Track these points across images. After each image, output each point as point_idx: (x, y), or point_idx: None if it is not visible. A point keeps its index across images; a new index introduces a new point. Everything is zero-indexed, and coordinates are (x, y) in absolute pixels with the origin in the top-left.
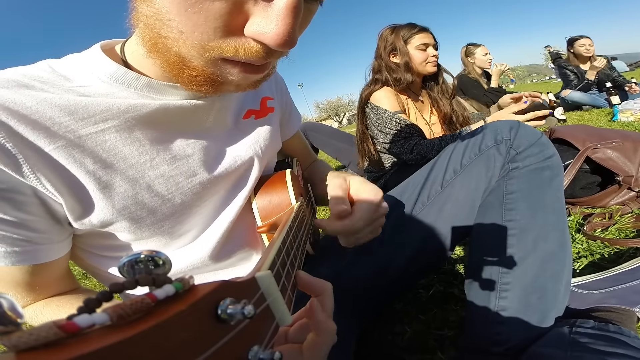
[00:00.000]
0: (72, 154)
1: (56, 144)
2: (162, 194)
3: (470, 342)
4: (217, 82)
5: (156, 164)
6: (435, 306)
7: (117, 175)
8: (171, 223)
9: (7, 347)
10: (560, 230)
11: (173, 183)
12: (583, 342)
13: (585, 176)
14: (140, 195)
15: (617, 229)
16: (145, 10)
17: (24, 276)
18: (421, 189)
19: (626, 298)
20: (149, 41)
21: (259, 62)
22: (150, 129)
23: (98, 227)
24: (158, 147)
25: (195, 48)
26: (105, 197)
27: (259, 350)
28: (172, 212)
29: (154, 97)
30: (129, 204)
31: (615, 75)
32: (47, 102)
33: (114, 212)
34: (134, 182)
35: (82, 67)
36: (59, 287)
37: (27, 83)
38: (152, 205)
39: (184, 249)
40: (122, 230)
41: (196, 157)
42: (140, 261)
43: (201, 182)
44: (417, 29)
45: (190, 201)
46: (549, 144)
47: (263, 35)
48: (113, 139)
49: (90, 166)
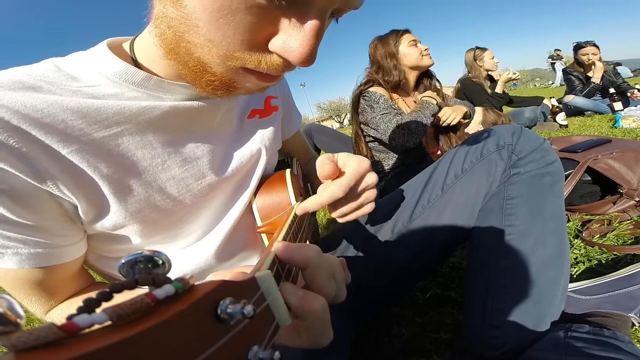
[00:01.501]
0: (86, 157)
1: (70, 147)
2: (174, 196)
3: (466, 345)
4: (233, 87)
5: (168, 167)
6: (431, 309)
7: (131, 178)
8: (181, 224)
9: (7, 347)
10: (559, 236)
11: (183, 185)
12: (578, 346)
13: (584, 186)
14: (152, 197)
15: (615, 236)
16: (171, 12)
17: (45, 277)
18: (421, 192)
19: (621, 304)
20: (170, 43)
21: (276, 74)
22: (162, 132)
23: (109, 229)
24: (169, 150)
25: (219, 56)
26: (120, 200)
27: (259, 350)
28: (182, 213)
29: (164, 97)
30: (142, 207)
31: (620, 82)
32: (57, 104)
33: (127, 215)
34: (147, 185)
35: (89, 66)
36: (77, 285)
37: (34, 84)
38: (164, 207)
39: (189, 249)
40: (133, 233)
41: (205, 160)
42: (139, 261)
43: (210, 184)
44: (401, 32)
45: (199, 202)
46: (550, 150)
47: (288, 52)
48: (126, 143)
49: (104, 170)
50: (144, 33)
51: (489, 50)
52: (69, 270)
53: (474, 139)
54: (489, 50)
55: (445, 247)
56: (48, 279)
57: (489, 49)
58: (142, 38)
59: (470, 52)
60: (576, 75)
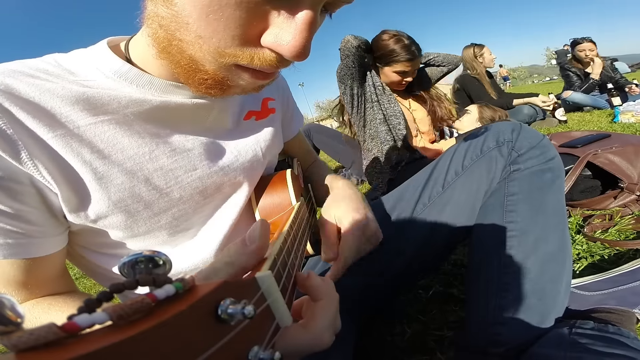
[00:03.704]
0: (69, 143)
1: (55, 132)
2: (160, 188)
3: (470, 342)
4: (226, 85)
5: (155, 157)
6: (434, 307)
7: (115, 166)
8: (168, 218)
9: (7, 347)
10: (561, 232)
11: (172, 177)
12: (582, 342)
13: (585, 181)
14: (137, 187)
15: (617, 231)
16: (162, 11)
17: (16, 272)
18: (422, 190)
19: (626, 299)
20: (161, 42)
21: (270, 70)
22: (150, 124)
23: (93, 220)
24: (157, 141)
25: (210, 53)
26: (101, 188)
27: (259, 351)
28: (169, 206)
29: (156, 95)
30: (125, 196)
31: (618, 77)
32: (50, 92)
33: (110, 204)
34: (132, 174)
35: (88, 62)
36: (53, 286)
37: (33, 74)
38: (149, 198)
39: (186, 249)
40: (117, 226)
41: (196, 152)
42: (140, 261)
43: (200, 177)
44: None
45: (189, 197)
46: (550, 146)
47: (280, 46)
48: (112, 130)
49: (87, 156)
50: (139, 34)
51: (486, 46)
52: (43, 267)
53: (474, 135)
54: (486, 46)
55: (447, 245)
56: (18, 273)
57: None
58: (136, 39)
59: (469, 49)
60: (574, 72)
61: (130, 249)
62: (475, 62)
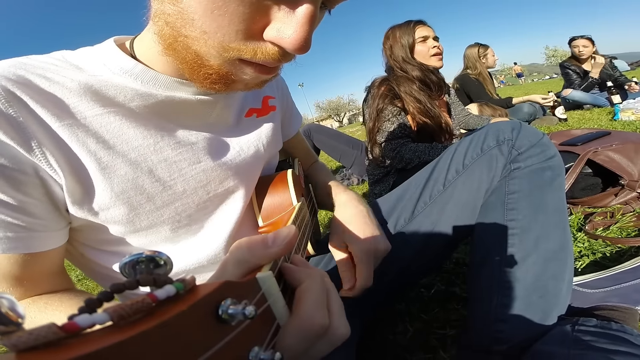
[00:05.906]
0: (76, 132)
1: (62, 122)
2: (164, 180)
3: (473, 340)
4: (230, 80)
5: (160, 148)
6: (437, 305)
7: (119, 157)
8: (171, 213)
9: (8, 347)
10: (562, 229)
11: (176, 169)
12: (586, 340)
13: (586, 178)
14: (140, 179)
15: (618, 228)
16: (168, 9)
17: (13, 267)
18: (423, 188)
19: (628, 297)
20: (168, 39)
21: (273, 65)
22: (155, 118)
23: (95, 213)
24: (162, 133)
25: (215, 48)
26: (105, 178)
27: (260, 351)
28: (172, 200)
29: (161, 91)
30: (128, 187)
31: (618, 75)
32: (58, 83)
33: (112, 196)
34: (135, 165)
35: (94, 58)
36: (50, 284)
37: (42, 67)
38: (152, 190)
39: (189, 246)
40: (119, 219)
41: (200, 146)
42: (141, 261)
43: (204, 170)
44: (413, 23)
45: (192, 190)
46: (550, 144)
47: (282, 39)
48: (118, 122)
49: (92, 146)
50: (144, 32)
51: (491, 48)
52: (41, 263)
53: (474, 134)
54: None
55: (448, 243)
56: (15, 268)
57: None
58: (141, 37)
59: (473, 48)
60: (574, 69)
61: (131, 246)
62: (478, 62)
